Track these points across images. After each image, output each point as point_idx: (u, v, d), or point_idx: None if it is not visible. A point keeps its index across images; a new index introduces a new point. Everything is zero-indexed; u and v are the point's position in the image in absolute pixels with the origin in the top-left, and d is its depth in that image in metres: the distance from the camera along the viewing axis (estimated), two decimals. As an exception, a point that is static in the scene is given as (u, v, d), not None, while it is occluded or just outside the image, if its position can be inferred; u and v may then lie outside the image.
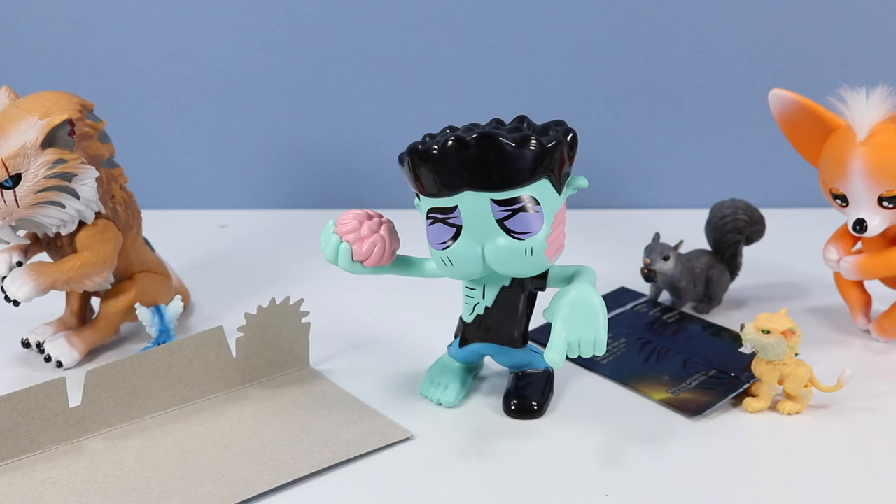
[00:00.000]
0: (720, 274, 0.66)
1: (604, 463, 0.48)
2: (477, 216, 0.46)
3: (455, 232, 0.47)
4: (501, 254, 0.46)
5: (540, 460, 0.48)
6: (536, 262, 0.47)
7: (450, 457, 0.49)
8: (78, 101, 0.55)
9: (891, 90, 0.54)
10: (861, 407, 0.53)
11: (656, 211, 0.90)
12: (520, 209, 0.46)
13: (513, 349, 0.52)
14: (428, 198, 0.47)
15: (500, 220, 0.46)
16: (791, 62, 0.86)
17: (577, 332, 0.46)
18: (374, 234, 0.48)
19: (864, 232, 0.56)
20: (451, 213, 0.46)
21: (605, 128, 0.85)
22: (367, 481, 0.47)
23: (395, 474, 0.47)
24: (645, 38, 0.87)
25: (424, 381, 0.54)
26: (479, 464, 0.48)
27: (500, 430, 0.51)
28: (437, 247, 0.47)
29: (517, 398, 0.52)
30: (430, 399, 0.53)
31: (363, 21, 0.87)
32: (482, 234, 0.46)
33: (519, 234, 0.46)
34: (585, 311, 0.46)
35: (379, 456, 0.49)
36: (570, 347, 0.46)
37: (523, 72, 0.88)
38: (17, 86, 0.57)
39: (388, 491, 0.46)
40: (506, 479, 0.47)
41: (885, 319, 0.61)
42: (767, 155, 0.87)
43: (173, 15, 0.87)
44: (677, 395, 0.54)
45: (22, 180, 0.52)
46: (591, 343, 0.46)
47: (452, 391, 0.53)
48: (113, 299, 0.60)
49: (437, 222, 0.47)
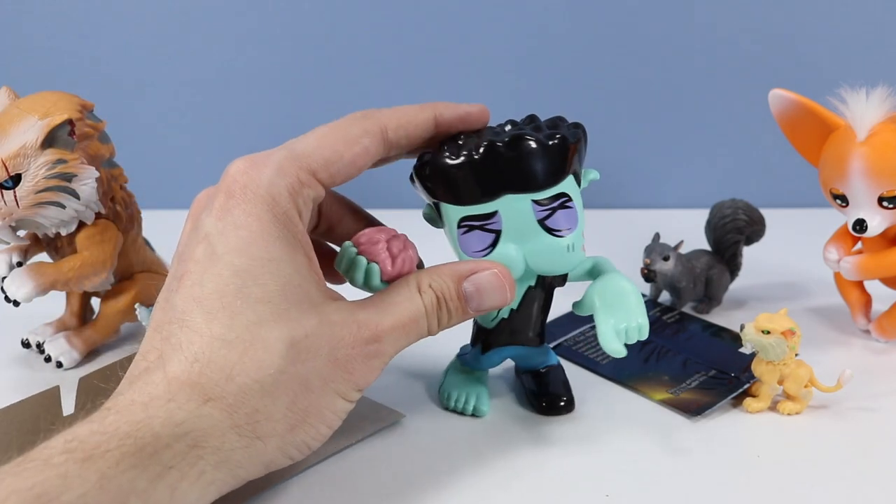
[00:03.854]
0: (720, 274, 0.66)
1: (604, 463, 0.48)
2: (517, 219, 0.46)
3: (494, 238, 0.46)
4: (545, 253, 0.46)
5: (539, 460, 0.48)
6: (576, 257, 0.47)
7: (443, 458, 0.49)
8: (78, 102, 0.55)
9: (891, 90, 0.54)
10: (861, 407, 0.53)
11: (656, 211, 0.91)
12: (559, 207, 0.46)
13: (536, 348, 0.52)
14: (461, 206, 0.46)
15: (540, 220, 0.46)
16: (791, 62, 0.86)
17: (623, 320, 0.46)
18: (403, 252, 0.46)
19: (864, 232, 0.56)
20: (490, 218, 0.46)
21: (605, 128, 0.85)
22: (361, 464, 0.47)
23: (390, 458, 0.48)
24: (645, 37, 0.87)
25: (445, 396, 0.53)
26: (478, 464, 0.48)
27: (500, 430, 0.51)
28: (476, 254, 0.47)
29: (545, 396, 0.52)
30: (464, 412, 0.52)
31: (363, 21, 0.87)
32: (522, 235, 0.46)
33: (559, 232, 0.46)
34: (624, 299, 0.47)
35: (371, 440, 0.49)
36: (619, 336, 0.46)
37: (523, 72, 0.88)
38: (17, 86, 0.57)
39: (382, 475, 0.46)
40: (505, 479, 0.47)
41: (885, 319, 0.61)
42: (767, 155, 0.87)
43: (173, 15, 0.87)
44: (677, 396, 0.54)
45: (22, 181, 0.52)
46: (636, 329, 0.46)
47: (484, 398, 0.52)
48: (113, 299, 0.60)
49: (474, 230, 0.46)
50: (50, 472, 0.34)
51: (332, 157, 0.44)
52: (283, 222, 0.42)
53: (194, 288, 0.41)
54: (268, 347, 0.40)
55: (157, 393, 0.38)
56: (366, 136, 0.45)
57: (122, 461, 0.35)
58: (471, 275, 0.46)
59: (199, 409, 0.38)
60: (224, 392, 0.39)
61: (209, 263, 0.41)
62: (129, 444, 0.36)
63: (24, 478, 0.34)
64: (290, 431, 0.41)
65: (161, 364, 0.40)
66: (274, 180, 0.42)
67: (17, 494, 0.33)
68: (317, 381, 0.41)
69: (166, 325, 0.41)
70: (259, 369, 0.39)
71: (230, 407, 0.39)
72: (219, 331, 0.39)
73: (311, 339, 0.41)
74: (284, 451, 0.41)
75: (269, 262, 0.41)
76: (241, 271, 0.40)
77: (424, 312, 0.44)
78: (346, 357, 0.42)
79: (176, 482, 0.36)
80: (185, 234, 0.45)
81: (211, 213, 0.42)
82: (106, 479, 0.35)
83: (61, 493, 0.34)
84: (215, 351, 0.39)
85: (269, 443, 0.40)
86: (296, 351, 0.40)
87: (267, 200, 0.41)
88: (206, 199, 0.44)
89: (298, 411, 0.41)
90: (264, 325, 0.40)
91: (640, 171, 0.91)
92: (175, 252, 0.44)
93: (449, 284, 0.45)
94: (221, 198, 0.42)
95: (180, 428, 0.37)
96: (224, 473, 0.39)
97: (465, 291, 0.45)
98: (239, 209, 0.41)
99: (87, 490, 0.34)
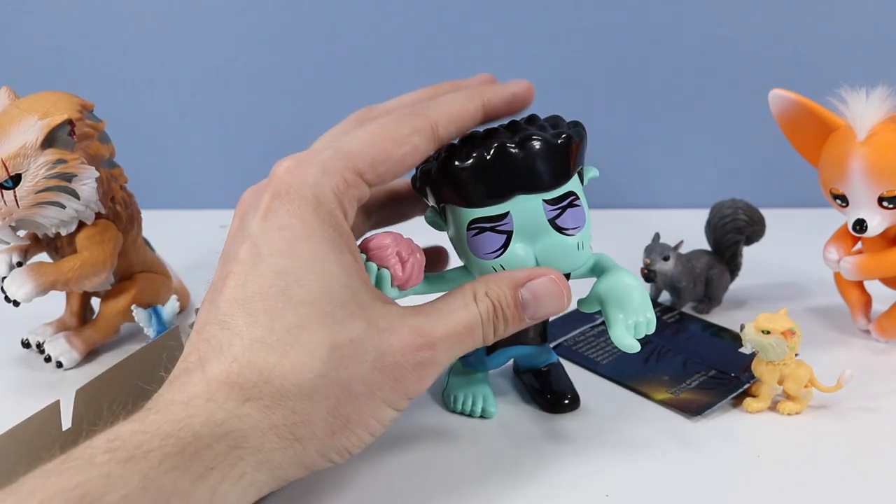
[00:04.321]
0: (720, 274, 0.66)
1: (604, 463, 0.48)
2: (529, 219, 0.46)
3: (506, 238, 0.46)
4: (556, 252, 0.46)
5: (539, 460, 0.48)
6: (585, 254, 0.47)
7: (444, 456, 0.49)
8: (78, 102, 0.55)
9: (891, 90, 0.54)
10: (861, 407, 0.53)
11: (656, 211, 0.91)
12: (568, 205, 0.46)
13: (539, 347, 0.52)
14: (471, 209, 0.46)
15: (551, 220, 0.46)
16: (791, 62, 0.86)
17: (632, 315, 0.47)
18: (411, 256, 0.45)
19: (864, 232, 0.56)
20: (502, 220, 0.46)
21: (605, 127, 0.85)
22: (364, 463, 0.47)
23: (393, 458, 0.47)
24: (645, 37, 0.87)
25: (451, 399, 0.53)
26: (478, 463, 0.48)
27: (498, 431, 0.51)
28: (488, 256, 0.47)
29: (550, 394, 0.53)
30: (472, 414, 0.52)
31: (364, 21, 0.87)
32: (533, 235, 0.46)
33: (569, 231, 0.46)
34: (630, 295, 0.47)
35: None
36: (629, 331, 0.47)
37: (523, 72, 0.88)
38: (17, 86, 0.57)
39: (385, 474, 0.46)
40: (504, 479, 0.47)
41: (885, 319, 0.61)
42: (767, 155, 0.87)
43: (173, 15, 0.87)
44: (677, 396, 0.54)
45: (22, 181, 0.52)
46: (644, 324, 0.47)
47: (490, 399, 0.52)
48: (113, 299, 0.60)
49: (485, 232, 0.46)
50: (93, 472, 0.34)
51: (381, 157, 0.43)
52: (329, 222, 0.41)
53: (237, 289, 0.40)
54: (309, 351, 0.39)
55: (197, 392, 0.38)
56: (416, 134, 0.44)
57: (164, 462, 0.35)
58: (527, 281, 0.45)
59: (238, 409, 0.38)
60: (262, 393, 0.38)
61: (253, 264, 0.40)
62: (171, 445, 0.36)
63: (68, 477, 0.34)
64: (331, 436, 0.40)
65: (200, 365, 0.39)
66: (319, 180, 0.41)
67: (62, 493, 0.33)
68: (361, 387, 0.40)
69: (208, 327, 0.40)
70: (298, 373, 0.39)
71: (268, 408, 0.38)
72: (259, 333, 0.39)
73: (356, 344, 0.40)
74: (325, 454, 0.41)
75: (314, 262, 0.40)
76: (284, 272, 0.40)
77: (480, 321, 0.43)
78: (394, 364, 0.41)
79: (217, 483, 0.36)
80: (230, 233, 0.44)
81: (256, 213, 0.41)
82: (148, 480, 0.34)
83: (105, 494, 0.33)
84: (255, 353, 0.39)
85: (309, 446, 0.39)
86: (339, 355, 0.39)
87: (311, 201, 0.41)
88: (252, 198, 0.44)
89: (340, 417, 0.40)
90: (306, 327, 0.39)
91: (640, 171, 0.91)
92: (222, 251, 0.44)
93: (506, 292, 0.44)
94: (267, 197, 0.41)
95: (220, 428, 0.37)
96: (264, 475, 0.39)
97: (523, 299, 0.45)
98: (283, 209, 0.41)
99: (129, 491, 0.34)
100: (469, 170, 0.45)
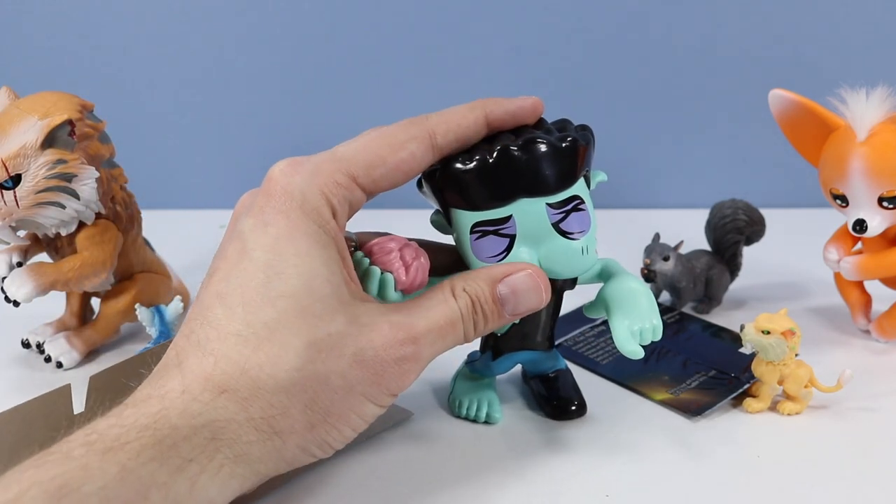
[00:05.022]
0: (720, 274, 0.66)
1: (604, 463, 0.48)
2: (532, 223, 0.45)
3: (509, 242, 0.46)
4: (560, 256, 0.46)
5: (539, 460, 0.48)
6: (590, 259, 0.47)
7: (448, 459, 0.49)
8: (78, 102, 0.55)
9: (891, 90, 0.54)
10: (861, 407, 0.53)
11: (656, 211, 0.91)
12: (572, 209, 0.46)
13: (546, 353, 0.52)
14: (473, 212, 0.46)
15: (554, 224, 0.45)
16: (791, 62, 0.86)
17: (637, 322, 0.46)
18: (415, 260, 0.45)
19: (864, 232, 0.56)
20: (505, 223, 0.46)
21: (606, 128, 0.85)
22: (368, 464, 0.47)
23: (396, 459, 0.48)
24: (645, 37, 0.87)
25: (456, 404, 0.53)
26: (480, 465, 0.48)
27: (504, 433, 0.51)
28: (490, 260, 0.46)
29: (556, 401, 0.52)
30: (477, 419, 0.52)
31: (364, 21, 0.87)
32: (536, 239, 0.46)
33: (573, 235, 0.46)
34: (636, 301, 0.47)
35: (379, 441, 0.49)
36: (634, 337, 0.46)
37: (524, 72, 0.88)
38: (17, 86, 0.57)
39: (389, 475, 0.46)
40: (504, 478, 0.47)
41: (885, 319, 0.61)
42: (767, 155, 0.87)
43: (173, 15, 0.87)
44: (677, 396, 0.54)
45: (22, 181, 0.52)
46: (651, 330, 0.46)
47: (496, 405, 0.52)
48: (113, 299, 0.60)
49: (488, 235, 0.46)
50: (71, 464, 0.34)
51: (375, 162, 0.43)
52: (314, 219, 0.41)
53: (220, 284, 0.41)
54: (285, 343, 0.39)
55: (173, 386, 0.39)
56: (412, 141, 0.44)
57: (142, 453, 0.35)
58: (505, 277, 0.45)
59: (214, 401, 0.38)
60: (238, 385, 0.39)
61: (237, 260, 0.41)
62: (148, 436, 0.36)
63: (46, 469, 0.34)
64: (311, 430, 0.40)
65: (178, 361, 0.40)
66: (308, 180, 0.42)
67: (39, 486, 0.33)
68: (339, 381, 0.40)
69: (190, 323, 0.41)
70: (274, 365, 0.39)
71: (244, 400, 0.39)
72: (236, 327, 0.39)
73: (335, 338, 0.40)
74: (305, 448, 0.41)
75: (296, 256, 0.40)
76: (266, 266, 0.40)
77: (461, 316, 0.43)
78: (374, 359, 0.41)
79: (196, 475, 0.37)
80: (225, 234, 0.45)
81: (249, 213, 0.42)
82: (126, 471, 0.35)
83: (82, 485, 0.34)
84: (231, 346, 0.39)
85: (289, 440, 0.40)
86: (316, 349, 0.39)
87: (298, 198, 0.41)
88: (248, 199, 0.44)
89: (319, 411, 0.40)
90: (284, 320, 0.39)
91: (640, 171, 0.91)
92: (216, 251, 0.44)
93: (483, 288, 0.44)
94: (260, 198, 0.42)
95: (197, 420, 0.37)
96: (244, 468, 0.39)
97: (501, 294, 0.45)
98: (270, 207, 0.41)
99: (107, 482, 0.34)
100: (471, 172, 0.45)
